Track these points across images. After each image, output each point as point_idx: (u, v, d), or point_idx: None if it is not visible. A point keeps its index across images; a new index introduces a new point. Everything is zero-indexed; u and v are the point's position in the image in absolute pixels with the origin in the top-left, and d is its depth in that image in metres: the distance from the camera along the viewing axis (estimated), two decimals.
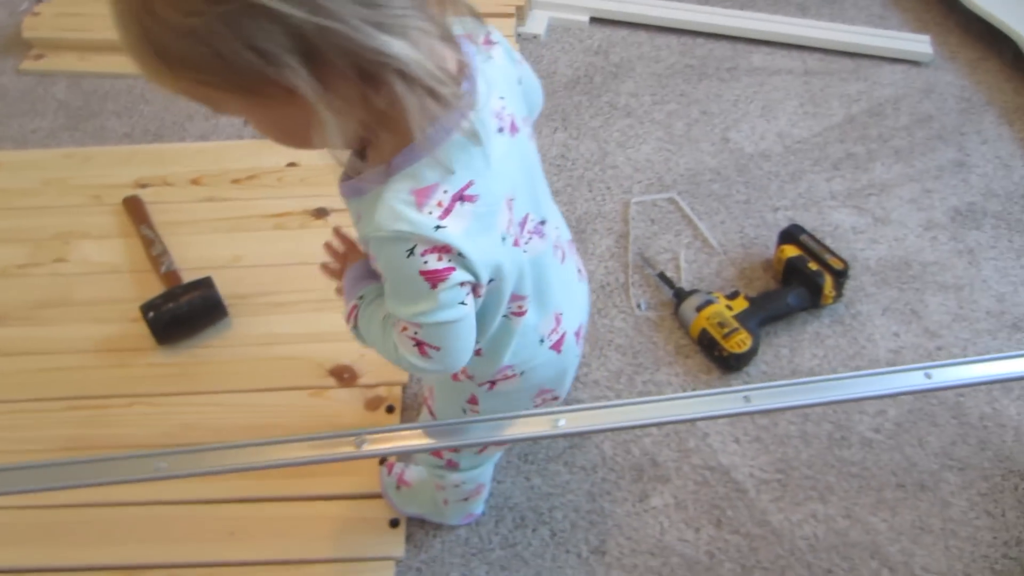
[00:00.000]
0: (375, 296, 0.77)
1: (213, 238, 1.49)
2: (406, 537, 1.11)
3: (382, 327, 0.74)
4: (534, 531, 1.13)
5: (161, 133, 1.73)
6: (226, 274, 1.38)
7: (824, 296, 1.33)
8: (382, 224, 0.62)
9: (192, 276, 1.37)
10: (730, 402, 0.75)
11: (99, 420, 1.24)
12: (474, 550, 1.11)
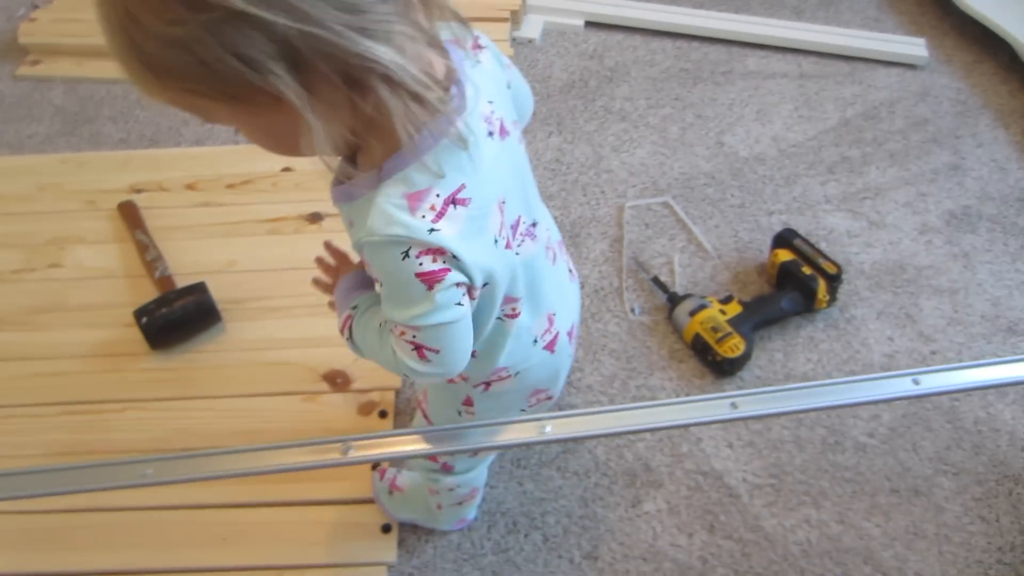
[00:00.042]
0: (369, 305, 0.77)
1: (208, 243, 1.49)
2: (398, 542, 1.12)
3: (379, 334, 0.73)
4: (526, 536, 1.13)
5: (156, 138, 1.73)
6: (220, 279, 1.39)
7: (818, 300, 1.33)
8: (375, 228, 0.62)
9: (186, 281, 1.37)
10: (717, 408, 0.75)
11: (93, 425, 1.24)
12: (466, 555, 1.11)
